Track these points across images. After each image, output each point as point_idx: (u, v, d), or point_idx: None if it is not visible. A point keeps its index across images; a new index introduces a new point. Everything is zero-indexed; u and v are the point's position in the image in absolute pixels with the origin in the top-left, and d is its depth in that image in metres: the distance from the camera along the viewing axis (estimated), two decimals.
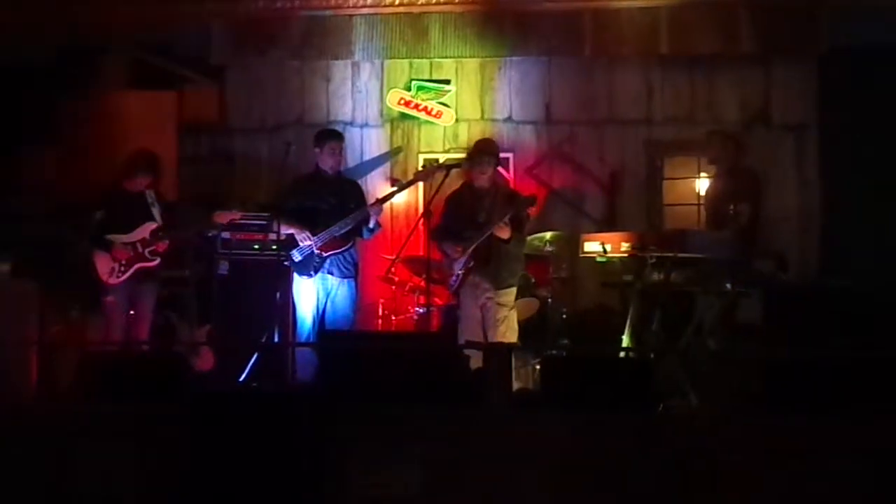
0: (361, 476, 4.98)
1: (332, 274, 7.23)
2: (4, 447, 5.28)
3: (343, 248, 7.25)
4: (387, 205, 7.60)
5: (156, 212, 7.28)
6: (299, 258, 7.19)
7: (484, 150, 7.18)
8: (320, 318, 7.26)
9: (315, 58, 9.24)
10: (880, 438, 4.70)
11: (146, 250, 7.19)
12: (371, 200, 7.44)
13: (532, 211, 7.23)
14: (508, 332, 6.95)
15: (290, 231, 7.20)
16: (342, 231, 7.17)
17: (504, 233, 6.79)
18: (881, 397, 4.80)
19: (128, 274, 7.16)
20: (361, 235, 7.37)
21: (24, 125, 8.96)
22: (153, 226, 7.24)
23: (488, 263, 6.94)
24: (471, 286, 7.01)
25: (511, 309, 7.02)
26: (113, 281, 7.15)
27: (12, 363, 6.53)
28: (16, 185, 8.89)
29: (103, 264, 7.16)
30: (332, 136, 7.54)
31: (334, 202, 7.27)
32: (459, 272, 6.97)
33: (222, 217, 7.35)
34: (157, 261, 7.26)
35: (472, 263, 6.94)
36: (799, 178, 8.84)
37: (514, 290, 7.08)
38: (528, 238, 7.62)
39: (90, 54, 9.19)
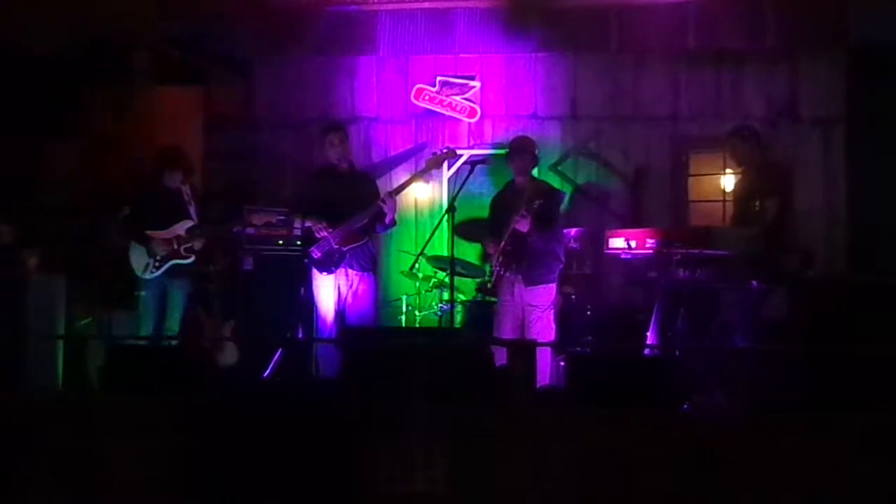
0: (386, 472, 4.99)
1: (352, 268, 7.24)
2: (33, 439, 5.33)
3: (362, 242, 7.26)
4: (411, 200, 7.60)
5: (192, 210, 7.37)
6: (319, 255, 7.20)
7: (515, 147, 7.23)
8: (341, 313, 7.28)
9: (340, 53, 9.25)
10: None
11: (182, 247, 7.26)
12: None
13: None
14: (542, 332, 6.94)
15: (308, 225, 7.21)
16: (358, 225, 7.18)
17: (522, 225, 6.80)
18: None
19: (162, 270, 7.22)
20: (376, 230, 7.39)
21: (53, 118, 9.02)
22: (189, 223, 7.30)
23: (520, 260, 6.95)
24: (507, 283, 7.05)
25: (546, 309, 7.01)
26: (147, 276, 7.21)
27: (40, 356, 6.59)
28: (44, 179, 8.96)
29: (138, 259, 7.23)
30: (329, 128, 7.52)
31: (348, 195, 7.27)
32: (497, 269, 7.01)
33: (259, 218, 7.43)
34: (192, 258, 7.33)
35: (502, 259, 6.96)
36: (826, 174, 8.77)
37: (550, 287, 7.07)
38: None
39: (118, 48, 9.25)
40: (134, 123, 8.94)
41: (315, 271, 7.27)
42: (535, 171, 7.37)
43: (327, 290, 7.25)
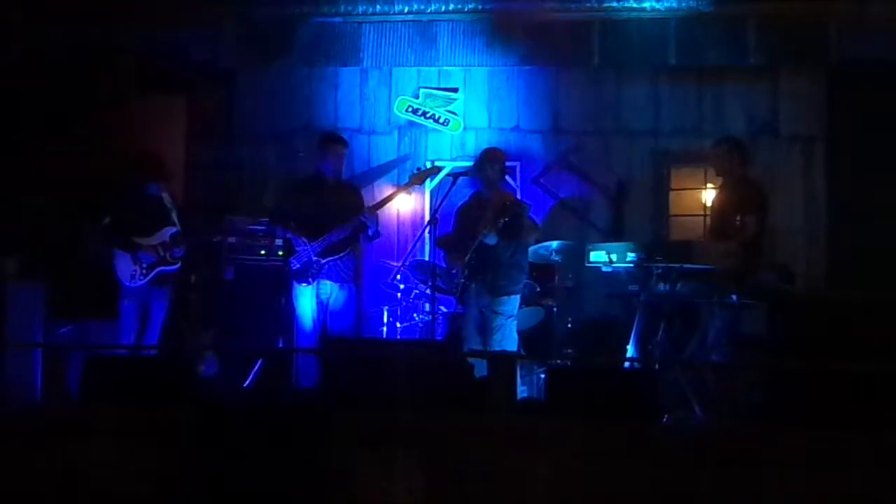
0: (364, 483, 4.98)
1: (330, 279, 7.23)
2: (11, 447, 5.30)
3: (341, 254, 7.24)
4: (394, 212, 7.60)
5: (174, 216, 7.33)
6: (298, 266, 7.19)
7: (485, 158, 7.24)
8: (322, 324, 7.26)
9: (324, 64, 9.28)
10: (886, 449, 4.69)
11: (167, 254, 7.23)
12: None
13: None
14: (505, 340, 6.95)
15: (288, 236, 7.21)
16: (339, 237, 7.17)
17: (490, 239, 6.82)
18: (887, 409, 4.80)
19: (149, 278, 7.19)
20: (360, 242, 7.38)
21: (35, 123, 8.97)
22: (174, 229, 7.27)
23: (485, 272, 6.96)
24: (473, 294, 7.05)
25: (510, 318, 7.02)
26: (133, 284, 7.17)
27: (18, 365, 6.55)
28: (25, 183, 8.90)
29: (123, 267, 7.18)
30: (337, 140, 7.58)
31: (333, 207, 7.26)
32: (461, 280, 7.01)
33: (239, 226, 7.43)
34: (178, 265, 7.29)
35: (467, 272, 6.97)
36: (806, 190, 8.82)
37: (514, 297, 7.08)
38: (534, 247, 7.63)
39: (101, 56, 9.21)
40: (116, 133, 8.88)
41: (295, 282, 7.26)
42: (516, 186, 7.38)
43: (306, 301, 7.23)
